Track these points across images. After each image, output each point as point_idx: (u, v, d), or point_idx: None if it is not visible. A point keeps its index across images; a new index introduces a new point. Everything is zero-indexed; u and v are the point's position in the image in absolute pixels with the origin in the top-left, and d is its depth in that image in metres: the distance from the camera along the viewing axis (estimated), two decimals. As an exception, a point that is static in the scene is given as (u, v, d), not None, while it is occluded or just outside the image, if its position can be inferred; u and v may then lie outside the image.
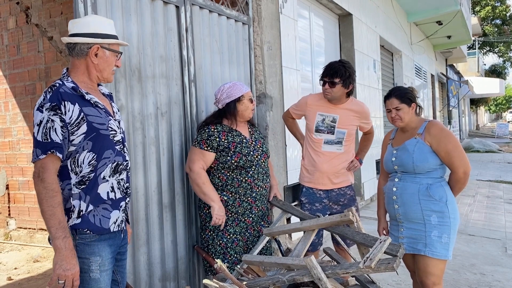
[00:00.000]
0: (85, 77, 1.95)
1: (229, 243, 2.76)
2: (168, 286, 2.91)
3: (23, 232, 5.74)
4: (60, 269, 1.72)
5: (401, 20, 9.69)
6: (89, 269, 1.85)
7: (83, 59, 1.92)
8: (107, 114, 1.94)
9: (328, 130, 3.04)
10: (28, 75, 5.57)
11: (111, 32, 1.97)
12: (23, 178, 5.74)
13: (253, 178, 2.79)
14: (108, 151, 1.91)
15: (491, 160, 14.47)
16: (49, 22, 5.22)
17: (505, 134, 27.97)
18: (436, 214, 2.48)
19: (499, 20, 31.31)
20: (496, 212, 6.77)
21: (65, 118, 1.78)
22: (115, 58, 1.99)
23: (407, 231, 2.56)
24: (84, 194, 1.86)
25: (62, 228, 1.74)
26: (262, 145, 2.93)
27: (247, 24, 3.89)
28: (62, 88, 1.83)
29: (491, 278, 3.87)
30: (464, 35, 13.46)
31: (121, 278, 2.10)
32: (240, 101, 2.80)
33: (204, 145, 2.73)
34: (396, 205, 2.60)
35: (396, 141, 2.71)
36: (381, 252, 1.86)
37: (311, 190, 3.09)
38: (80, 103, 1.84)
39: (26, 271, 4.61)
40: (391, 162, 2.65)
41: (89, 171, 1.86)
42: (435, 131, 2.53)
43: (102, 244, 1.90)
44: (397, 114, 2.61)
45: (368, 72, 7.32)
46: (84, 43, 1.89)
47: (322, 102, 3.07)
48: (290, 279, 1.98)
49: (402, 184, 2.57)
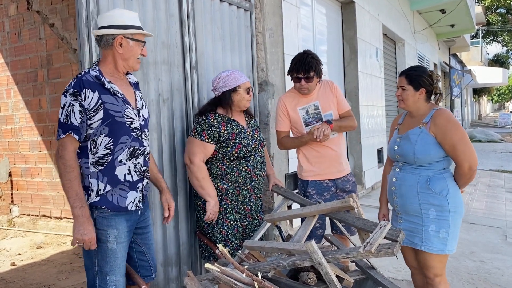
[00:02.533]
0: (112, 67, 2.11)
1: (230, 230, 2.78)
2: (170, 271, 2.95)
3: (26, 218, 5.79)
4: (78, 233, 1.93)
5: (404, 8, 9.61)
6: (107, 240, 2.04)
7: (109, 49, 2.08)
8: (125, 102, 2.09)
9: (316, 118, 2.96)
10: (29, 62, 5.56)
11: (134, 23, 2.11)
12: (26, 165, 5.77)
13: (253, 167, 2.80)
14: (124, 137, 2.06)
15: (493, 149, 14.45)
16: (50, 9, 5.20)
17: (508, 124, 27.90)
18: (434, 208, 2.35)
19: (504, 9, 30.99)
20: (497, 201, 6.79)
21: (84, 104, 1.95)
22: (139, 48, 2.13)
23: (405, 223, 2.47)
24: (101, 175, 2.03)
25: (79, 199, 1.94)
26: (259, 134, 2.93)
27: (249, 10, 3.87)
28: (85, 76, 2.00)
29: (491, 266, 3.90)
30: (468, 24, 13.34)
31: (147, 249, 2.29)
32: (236, 91, 2.76)
33: (205, 136, 2.71)
34: (394, 196, 2.51)
35: (402, 128, 2.57)
36: (381, 237, 1.87)
37: (318, 181, 3.00)
38: (100, 91, 2.00)
39: (29, 257, 4.66)
40: (394, 150, 2.53)
41: (106, 153, 2.03)
42: (441, 121, 2.35)
43: (120, 219, 2.07)
44: (401, 94, 2.49)
45: (370, 60, 7.29)
46: (109, 34, 2.05)
47: (296, 97, 3.00)
48: (291, 263, 2.00)
49: (402, 175, 2.47)
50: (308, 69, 2.84)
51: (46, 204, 5.60)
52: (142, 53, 2.16)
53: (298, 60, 2.88)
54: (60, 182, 1.99)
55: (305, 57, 2.87)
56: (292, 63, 2.93)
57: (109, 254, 2.04)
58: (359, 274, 2.17)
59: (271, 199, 4.02)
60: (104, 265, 2.05)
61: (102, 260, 2.05)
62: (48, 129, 5.48)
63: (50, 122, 5.44)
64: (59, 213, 5.48)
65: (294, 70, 2.90)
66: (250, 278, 1.78)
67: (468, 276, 3.66)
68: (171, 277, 2.95)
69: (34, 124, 5.63)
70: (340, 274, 2.00)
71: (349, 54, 6.71)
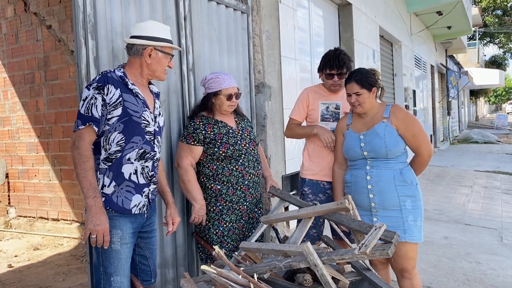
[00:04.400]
0: (137, 73, 2.19)
1: (226, 231, 2.79)
2: (167, 273, 2.95)
3: (23, 220, 5.78)
4: (91, 224, 1.94)
5: (401, 10, 9.64)
6: (111, 241, 2.04)
7: (138, 58, 2.17)
8: (145, 105, 2.16)
9: (333, 117, 2.97)
10: (27, 64, 5.56)
11: (165, 37, 2.21)
12: (23, 167, 5.76)
13: (244, 166, 2.80)
14: (137, 137, 2.11)
15: (490, 151, 14.49)
16: (48, 10, 5.20)
17: (504, 125, 27.99)
18: (410, 199, 2.47)
19: (500, 10, 31.11)
20: (493, 202, 6.81)
21: (106, 99, 2.02)
22: (167, 60, 2.23)
23: (381, 219, 2.49)
24: (108, 170, 2.07)
25: (93, 189, 1.95)
26: (250, 133, 2.92)
27: (246, 13, 3.89)
28: (110, 73, 2.08)
29: (486, 267, 3.92)
30: (465, 26, 13.38)
31: (150, 253, 2.31)
32: (217, 95, 2.77)
33: (190, 139, 2.74)
34: (371, 194, 2.52)
35: (358, 127, 2.63)
36: (376, 239, 1.88)
37: (315, 180, 3.02)
38: (122, 89, 2.07)
39: (26, 258, 4.66)
40: (360, 148, 2.55)
41: (116, 150, 2.07)
42: (401, 114, 2.53)
43: (124, 220, 2.10)
44: (357, 99, 2.54)
45: (367, 62, 7.30)
46: (140, 44, 2.14)
47: (321, 92, 3.04)
48: (287, 265, 2.01)
49: (377, 172, 2.51)
50: (342, 65, 2.87)
51: (43, 206, 5.59)
52: (169, 65, 2.25)
53: (331, 57, 2.91)
54: (57, 184, 2.02)
55: (338, 54, 2.90)
56: (325, 60, 2.94)
57: (113, 254, 2.07)
58: (355, 275, 2.18)
59: (268, 200, 4.03)
60: (108, 266, 2.07)
61: (107, 261, 2.08)
62: (45, 130, 5.47)
63: (47, 124, 5.44)
64: (56, 214, 5.48)
65: (327, 67, 2.91)
66: (246, 280, 1.80)
67: (464, 277, 3.68)
68: (167, 278, 2.96)
69: (31, 126, 5.63)
70: (335, 275, 2.01)
71: (346, 56, 6.71)
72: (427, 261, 4.03)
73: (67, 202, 5.34)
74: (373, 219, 2.53)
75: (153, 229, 2.34)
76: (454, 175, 8.80)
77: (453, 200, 6.79)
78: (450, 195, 7.25)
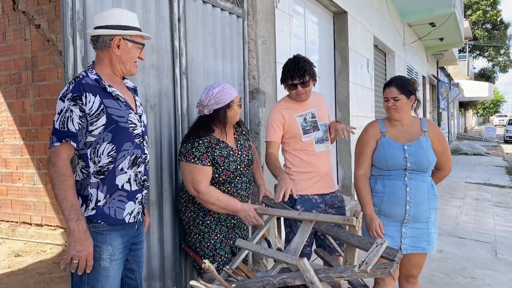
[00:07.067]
0: (109, 70, 1.99)
1: (218, 243, 2.65)
2: (154, 285, 2.81)
3: (5, 225, 5.58)
4: (73, 250, 1.79)
5: (395, 21, 9.66)
6: (100, 258, 1.90)
7: (106, 51, 1.96)
8: (128, 107, 1.99)
9: (313, 127, 2.85)
10: (14, 64, 5.40)
11: (133, 24, 2.00)
12: (7, 170, 5.57)
13: (236, 188, 2.66)
14: (127, 144, 1.96)
15: (479, 163, 14.56)
16: (37, 9, 5.06)
17: (493, 138, 28.27)
18: (434, 211, 2.54)
19: (490, 24, 31.60)
20: (485, 214, 6.78)
21: (85, 109, 1.83)
22: (138, 50, 2.02)
23: (410, 230, 2.51)
24: (101, 184, 1.91)
25: (75, 211, 1.80)
26: (248, 152, 2.75)
27: (242, 17, 3.79)
28: (85, 79, 1.87)
29: (482, 282, 3.84)
30: (457, 38, 13.49)
31: (136, 267, 2.17)
32: (230, 107, 2.58)
33: (206, 160, 2.51)
34: (408, 206, 2.48)
35: (396, 136, 2.56)
36: (378, 256, 1.78)
37: (306, 196, 2.81)
38: (101, 95, 1.88)
39: (6, 265, 4.47)
40: (404, 158, 2.48)
41: (108, 162, 1.91)
42: (437, 130, 2.61)
43: (114, 234, 1.95)
44: (394, 104, 2.54)
45: (361, 71, 7.26)
46: (106, 35, 1.93)
47: (292, 105, 2.87)
48: (281, 281, 1.90)
49: (415, 184, 2.49)
50: (303, 74, 2.72)
51: (27, 211, 5.40)
52: (140, 56, 2.05)
53: (290, 66, 2.76)
54: (41, 188, 1.87)
55: (297, 62, 2.75)
56: (285, 70, 2.79)
57: (101, 272, 1.91)
58: (352, 293, 2.07)
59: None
60: (95, 284, 1.91)
61: (93, 279, 1.91)
62: (31, 132, 5.30)
63: (33, 126, 5.27)
64: (39, 220, 5.29)
65: (288, 77, 2.77)
66: (239, 298, 1.68)
67: (460, 293, 3.60)
68: (154, 291, 2.82)
69: (17, 128, 5.45)
70: (333, 293, 1.90)
71: (340, 64, 6.67)
72: (421, 275, 3.91)
73: (51, 207, 5.16)
74: (402, 230, 2.53)
75: (141, 240, 2.19)
76: (445, 186, 8.77)
77: (446, 212, 6.74)
78: (442, 206, 7.19)
